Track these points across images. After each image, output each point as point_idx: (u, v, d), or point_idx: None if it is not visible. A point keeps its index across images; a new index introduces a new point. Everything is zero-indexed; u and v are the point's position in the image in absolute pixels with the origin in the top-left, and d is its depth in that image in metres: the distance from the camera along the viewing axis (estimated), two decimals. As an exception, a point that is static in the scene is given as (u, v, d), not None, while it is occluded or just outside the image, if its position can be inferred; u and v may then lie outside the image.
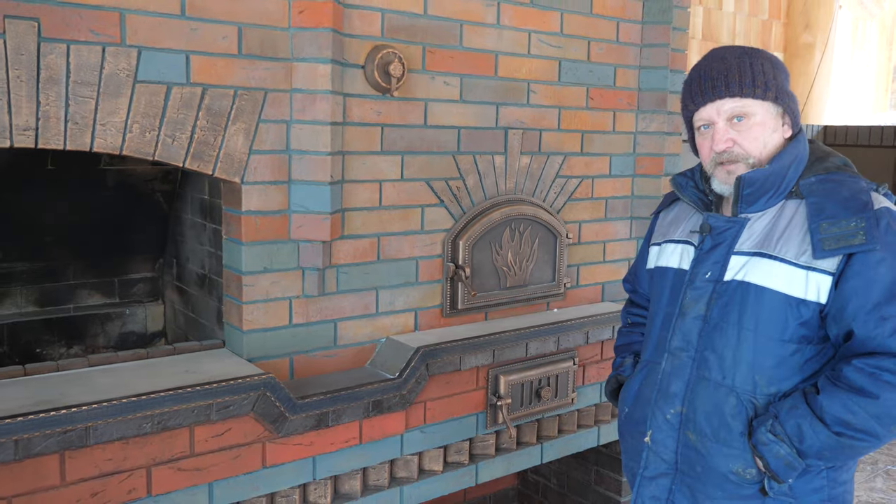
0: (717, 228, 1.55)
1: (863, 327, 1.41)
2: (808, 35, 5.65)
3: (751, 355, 1.49)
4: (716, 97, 1.51)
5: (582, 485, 2.93)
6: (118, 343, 2.37)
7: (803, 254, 1.45)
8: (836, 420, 1.41)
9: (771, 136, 1.52)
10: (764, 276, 1.48)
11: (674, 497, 1.61)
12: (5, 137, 1.58)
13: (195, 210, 2.20)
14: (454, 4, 2.21)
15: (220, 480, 1.80)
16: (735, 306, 1.51)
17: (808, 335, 1.47)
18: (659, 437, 1.60)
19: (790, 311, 1.46)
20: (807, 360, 1.49)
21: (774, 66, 1.52)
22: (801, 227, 1.47)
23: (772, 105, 1.51)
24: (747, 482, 1.51)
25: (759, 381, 1.50)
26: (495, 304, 2.43)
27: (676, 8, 2.70)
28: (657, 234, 1.76)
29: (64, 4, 1.62)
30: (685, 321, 1.57)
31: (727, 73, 1.51)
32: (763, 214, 1.53)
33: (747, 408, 1.50)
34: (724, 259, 1.53)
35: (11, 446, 1.49)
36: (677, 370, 1.58)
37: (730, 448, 1.51)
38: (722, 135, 1.52)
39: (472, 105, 2.29)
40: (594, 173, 2.66)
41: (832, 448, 1.43)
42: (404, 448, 2.14)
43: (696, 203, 1.64)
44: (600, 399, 2.64)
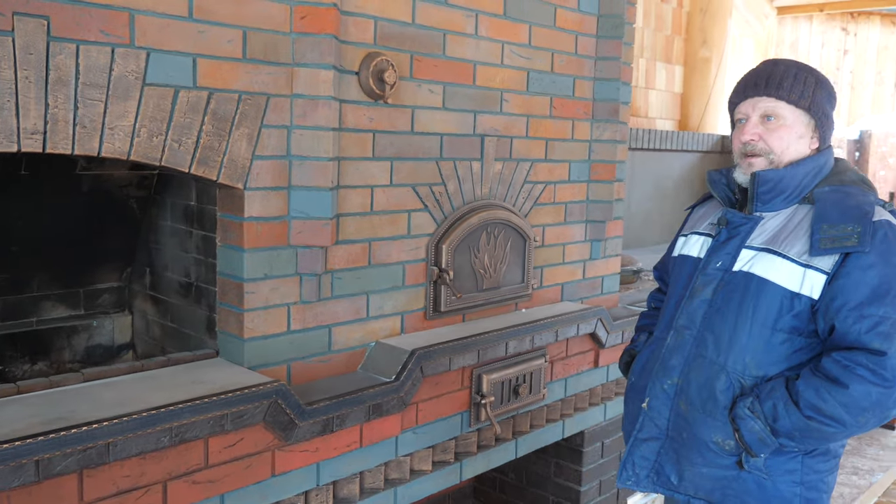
0: (733, 223, 1.71)
1: (843, 323, 1.56)
2: (706, 50, 6.06)
3: (745, 339, 1.65)
4: (755, 94, 1.69)
5: (541, 477, 3.04)
6: (84, 357, 2.26)
7: (804, 252, 1.61)
8: (808, 404, 1.55)
9: (797, 142, 1.68)
10: (767, 270, 1.63)
11: (661, 459, 1.77)
12: (12, 141, 1.49)
13: (177, 217, 2.13)
14: (438, 14, 2.26)
15: (231, 492, 1.77)
16: (737, 294, 1.66)
17: (799, 327, 1.63)
18: (655, 404, 1.76)
19: (785, 302, 1.62)
20: (795, 350, 1.64)
21: (818, 83, 1.68)
22: (806, 229, 1.62)
23: (804, 114, 1.67)
24: (726, 453, 1.67)
25: (749, 363, 1.65)
26: (473, 305, 2.49)
27: (627, 24, 2.86)
28: (687, 226, 1.92)
29: (74, 2, 1.55)
30: (692, 303, 1.73)
31: (770, 76, 1.67)
32: (776, 215, 1.68)
33: (735, 386, 1.65)
34: (736, 251, 1.68)
35: (32, 467, 1.42)
36: (679, 346, 1.73)
37: (714, 420, 1.66)
38: (752, 128, 1.69)
39: (453, 112, 2.35)
40: (556, 179, 2.78)
41: (802, 430, 1.57)
42: (399, 449, 2.17)
43: (723, 199, 1.80)
44: (565, 394, 2.76)
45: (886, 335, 1.53)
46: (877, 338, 1.53)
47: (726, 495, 1.69)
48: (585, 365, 2.83)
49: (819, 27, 10.77)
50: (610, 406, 2.99)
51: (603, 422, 2.96)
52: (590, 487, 2.96)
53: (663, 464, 1.77)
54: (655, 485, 1.79)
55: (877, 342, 1.53)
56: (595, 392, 2.91)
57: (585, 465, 2.93)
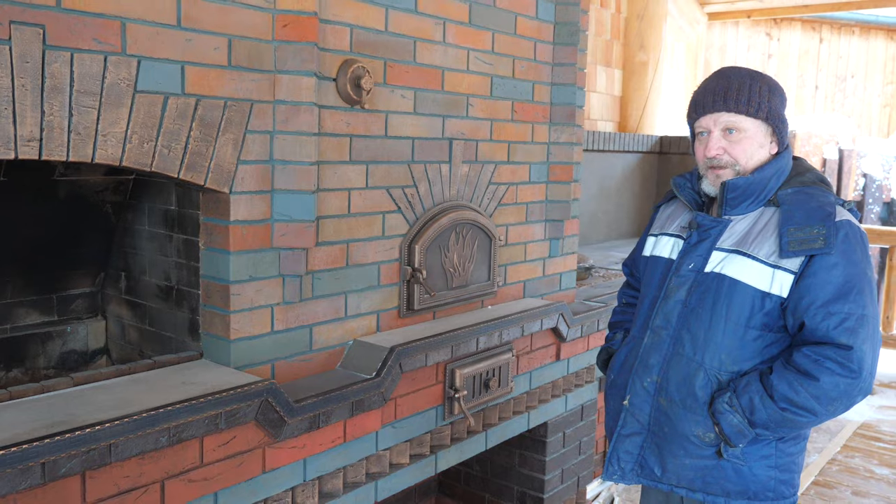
0: (704, 226, 1.81)
1: (812, 319, 1.67)
2: (643, 54, 6.30)
3: (720, 337, 1.76)
4: (714, 110, 1.78)
5: (505, 469, 3.15)
6: (59, 363, 2.25)
7: (772, 254, 1.72)
8: (782, 397, 1.67)
9: (757, 150, 1.80)
10: (738, 271, 1.75)
11: (644, 453, 1.87)
12: (10, 149, 1.51)
13: (156, 221, 2.15)
14: (409, 22, 2.34)
15: (224, 489, 1.81)
16: (711, 294, 1.77)
17: (770, 324, 1.74)
18: (636, 401, 1.86)
19: (756, 301, 1.73)
20: (766, 345, 1.76)
21: (771, 91, 1.79)
22: (773, 231, 1.74)
23: (762, 123, 1.79)
24: (706, 444, 1.78)
25: (725, 359, 1.76)
26: (443, 303, 2.58)
27: (582, 32, 2.99)
28: (656, 226, 2.01)
29: (68, 11, 1.57)
30: (668, 304, 1.83)
31: (727, 90, 1.76)
32: (744, 217, 1.80)
33: (713, 382, 1.76)
34: (707, 253, 1.79)
35: (38, 470, 1.44)
36: (657, 345, 1.83)
37: (694, 414, 1.77)
38: (715, 143, 1.79)
39: (423, 117, 2.43)
40: (518, 180, 2.89)
41: (777, 421, 1.69)
42: (379, 444, 2.24)
43: (690, 202, 1.90)
44: (530, 387, 2.87)
45: (852, 330, 1.64)
46: (844, 333, 1.64)
47: (707, 483, 1.80)
48: (548, 358, 2.96)
49: (745, 32, 11.28)
50: (571, 398, 3.12)
51: (564, 412, 3.09)
52: (553, 476, 3.09)
53: (646, 457, 1.87)
54: (640, 477, 1.89)
55: (844, 337, 1.64)
56: (557, 384, 3.04)
57: (549, 455, 3.05)
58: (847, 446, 4.49)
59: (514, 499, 3.12)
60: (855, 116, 11.95)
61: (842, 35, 11.92)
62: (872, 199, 10.30)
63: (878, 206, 10.34)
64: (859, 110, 12.02)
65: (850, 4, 7.89)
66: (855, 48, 11.98)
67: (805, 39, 11.72)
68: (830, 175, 9.84)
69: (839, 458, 4.31)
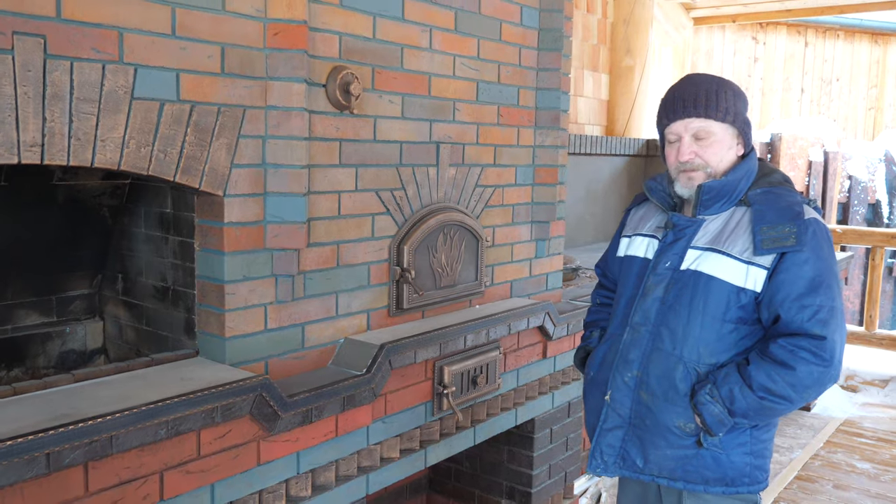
0: (679, 226, 1.90)
1: (787, 312, 1.76)
2: (629, 59, 6.40)
3: (697, 331, 1.84)
4: (685, 116, 1.86)
5: (494, 465, 3.22)
6: (58, 363, 2.31)
7: (746, 251, 1.81)
8: (760, 387, 1.75)
9: (727, 153, 1.89)
10: (713, 268, 1.83)
11: (625, 445, 1.94)
12: (13, 154, 1.58)
13: (152, 224, 2.22)
14: (396, 30, 2.42)
15: (220, 481, 1.88)
16: (688, 291, 1.85)
17: (745, 317, 1.83)
18: (617, 396, 1.93)
19: (732, 296, 1.82)
20: (741, 337, 1.85)
21: (736, 96, 1.88)
22: (746, 229, 1.83)
23: (730, 127, 1.88)
24: (686, 435, 1.86)
25: (703, 352, 1.84)
26: (432, 302, 2.65)
27: (565, 38, 3.08)
28: (628, 227, 2.09)
29: (68, 22, 1.64)
30: (646, 301, 1.91)
31: (696, 96, 1.85)
32: (717, 217, 1.89)
33: (692, 374, 1.84)
34: (683, 252, 1.88)
35: (43, 460, 1.50)
36: (636, 341, 1.91)
37: (675, 406, 1.85)
38: (686, 148, 1.87)
39: (411, 121, 2.51)
40: (504, 183, 2.97)
41: (755, 409, 1.78)
42: (370, 438, 2.31)
43: (663, 203, 1.99)
44: (517, 384, 2.95)
45: (825, 321, 1.74)
46: (817, 324, 1.74)
47: (687, 471, 1.88)
48: (535, 356, 3.03)
49: (732, 36, 11.41)
50: (557, 395, 3.19)
51: (552, 409, 3.17)
52: (540, 471, 3.16)
53: (628, 449, 1.93)
54: (622, 469, 1.95)
55: (817, 328, 1.74)
56: (544, 381, 3.11)
57: (536, 451, 3.12)
58: (830, 442, 4.59)
59: (503, 494, 3.19)
60: (840, 119, 12.10)
61: (827, 39, 12.07)
62: (858, 201, 10.44)
63: (864, 208, 10.48)
64: (844, 113, 12.18)
65: (834, 9, 8.01)
66: (840, 52, 12.14)
67: (791, 43, 11.87)
68: (816, 177, 9.98)
69: (822, 454, 4.40)
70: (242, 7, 1.98)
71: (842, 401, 5.39)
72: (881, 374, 5.81)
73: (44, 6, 1.61)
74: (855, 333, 6.10)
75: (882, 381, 5.73)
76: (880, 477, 4.09)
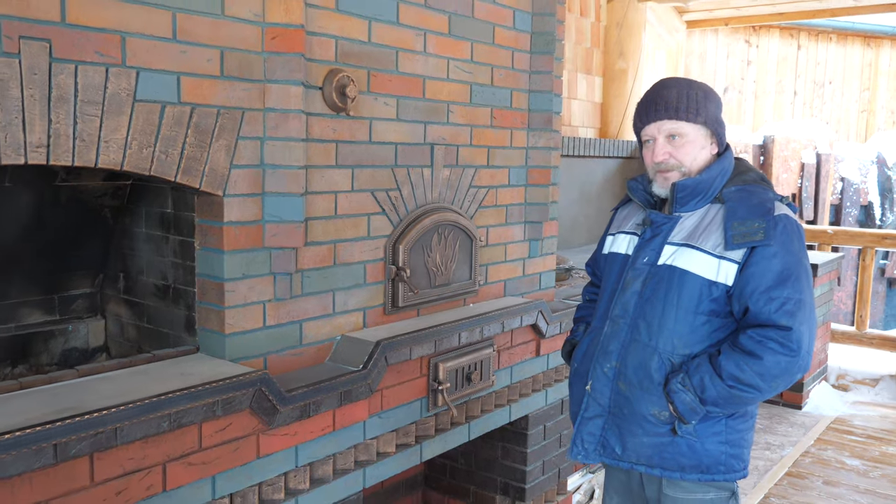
0: (657, 223, 1.98)
1: (755, 304, 1.84)
2: (622, 62, 6.48)
3: (671, 323, 1.91)
4: (658, 118, 1.94)
5: (489, 461, 3.27)
6: (61, 360, 2.36)
7: (718, 246, 1.89)
8: (729, 376, 1.83)
9: (700, 152, 1.96)
10: (687, 262, 1.91)
11: (605, 433, 2.02)
12: (20, 155, 1.63)
13: (152, 224, 2.27)
14: (391, 34, 2.48)
15: (221, 473, 1.93)
16: (664, 285, 1.93)
17: (717, 310, 1.91)
18: (597, 385, 2.01)
19: (704, 289, 1.89)
20: (714, 329, 1.92)
21: (707, 97, 1.96)
22: (719, 225, 1.91)
23: (702, 127, 1.95)
24: (661, 422, 1.93)
25: (677, 344, 1.92)
26: (427, 301, 2.71)
27: (557, 41, 3.14)
28: (613, 226, 2.18)
29: (73, 27, 1.69)
30: (625, 294, 1.99)
31: (668, 99, 1.93)
32: (692, 214, 1.96)
33: (666, 364, 1.92)
34: (660, 247, 1.96)
35: (51, 451, 1.56)
36: (615, 333, 1.99)
37: (651, 395, 1.92)
38: (661, 149, 1.95)
39: (405, 123, 2.57)
40: (497, 184, 3.03)
41: (725, 398, 1.85)
42: (366, 433, 2.36)
43: (643, 202, 2.07)
44: (511, 381, 3.00)
45: (791, 313, 1.81)
46: (784, 316, 1.81)
47: (664, 458, 1.94)
48: (528, 354, 3.09)
49: (725, 39, 11.50)
50: (551, 392, 3.25)
51: (545, 406, 3.22)
52: (534, 467, 3.21)
53: (608, 437, 2.01)
54: (602, 456, 2.03)
55: (784, 319, 1.81)
56: (537, 379, 3.17)
57: (530, 447, 3.18)
58: (820, 440, 4.65)
59: (498, 490, 3.24)
60: (833, 122, 12.20)
61: (819, 42, 12.17)
62: (850, 203, 10.53)
63: (856, 210, 10.57)
64: (837, 115, 12.27)
65: (825, 12, 8.08)
66: (832, 55, 12.24)
67: (783, 46, 11.97)
68: (808, 179, 10.07)
69: (812, 451, 4.46)
70: (241, 12, 2.03)
71: (833, 399, 5.46)
72: (872, 373, 5.88)
73: (49, 11, 1.66)
74: (846, 333, 6.17)
75: (873, 380, 5.80)
76: (869, 473, 4.15)
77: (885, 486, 3.97)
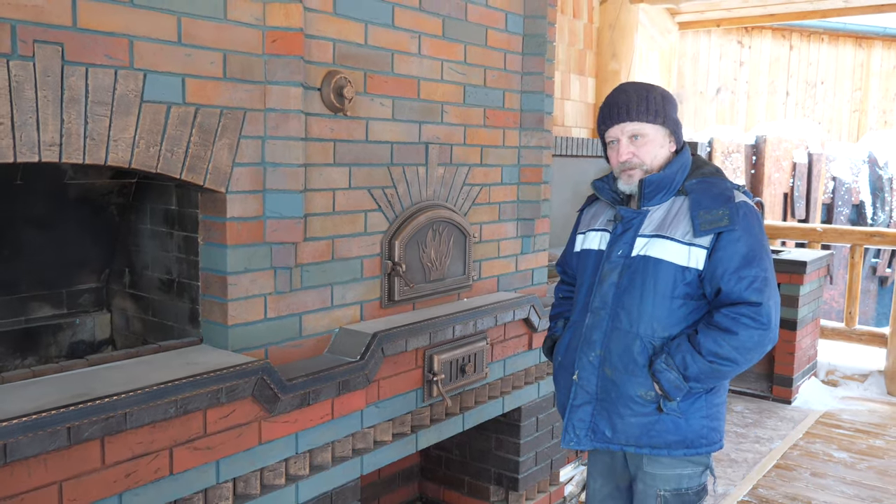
0: (627, 217, 2.11)
1: (727, 284, 1.98)
2: (615, 63, 6.57)
3: (650, 309, 2.04)
4: (620, 121, 2.07)
5: (483, 452, 3.36)
6: (69, 352, 2.44)
7: (687, 234, 2.02)
8: (709, 352, 1.97)
9: (660, 150, 2.10)
10: (660, 251, 2.04)
11: (595, 419, 2.12)
12: (34, 153, 1.71)
13: (157, 220, 2.36)
14: (387, 36, 2.57)
15: (225, 458, 2.01)
16: (639, 274, 2.06)
17: (691, 293, 2.05)
18: (584, 374, 2.12)
19: (678, 275, 2.03)
20: (689, 312, 2.06)
21: (664, 100, 2.10)
22: (685, 215, 2.04)
23: (661, 127, 2.09)
24: (648, 402, 2.05)
25: (657, 327, 2.05)
26: (422, 295, 2.79)
27: (549, 43, 3.23)
28: (582, 225, 2.31)
29: (83, 31, 1.78)
30: (603, 287, 2.11)
31: (628, 103, 2.06)
32: (659, 207, 2.10)
33: (648, 348, 2.05)
34: (632, 240, 2.09)
35: (65, 433, 1.64)
36: (597, 324, 2.10)
37: (636, 377, 2.05)
38: (624, 149, 2.09)
39: (401, 123, 2.66)
40: (490, 182, 3.12)
41: (706, 373, 1.99)
42: (364, 422, 2.44)
43: (610, 200, 2.19)
44: (504, 373, 3.09)
45: (759, 290, 1.96)
46: (753, 293, 1.96)
47: (651, 437, 2.06)
48: (521, 347, 3.18)
49: (717, 40, 11.61)
50: (543, 384, 3.34)
51: (537, 398, 3.31)
52: (527, 458, 3.30)
53: (597, 422, 2.12)
54: (593, 441, 2.13)
55: (754, 296, 1.96)
56: (530, 371, 3.25)
57: (523, 438, 3.26)
58: (809, 433, 4.75)
59: (492, 480, 3.33)
60: (825, 122, 12.31)
61: (811, 42, 12.29)
62: (842, 202, 10.65)
63: (847, 209, 10.68)
64: (829, 116, 12.39)
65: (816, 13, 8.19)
66: (824, 55, 12.36)
67: (776, 47, 12.09)
68: (800, 178, 10.18)
69: (801, 444, 4.56)
70: (243, 16, 2.12)
71: (822, 394, 5.55)
72: (861, 368, 5.98)
73: (61, 16, 1.74)
74: (836, 329, 6.27)
75: (861, 376, 5.90)
76: (856, 465, 4.24)
77: (872, 478, 4.07)
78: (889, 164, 10.83)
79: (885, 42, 12.27)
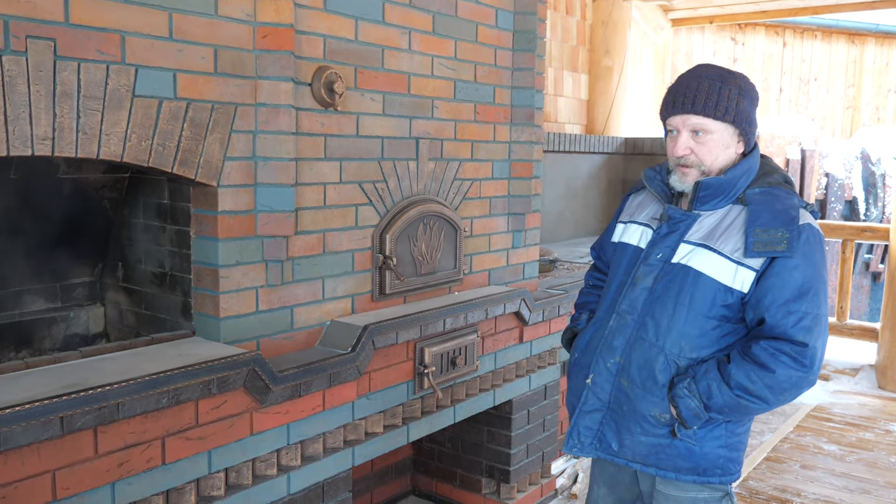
0: (674, 219, 1.93)
1: (773, 317, 1.78)
2: (608, 59, 6.60)
3: (681, 325, 1.86)
4: (683, 111, 1.86)
5: (475, 445, 3.39)
6: (63, 345, 2.46)
7: (737, 251, 1.83)
8: (738, 385, 1.78)
9: (724, 151, 1.88)
10: (703, 264, 1.86)
11: (603, 428, 1.99)
12: (27, 147, 1.74)
13: (150, 214, 2.38)
14: (377, 32, 2.59)
15: (217, 448, 2.04)
16: (676, 284, 1.88)
17: (729, 315, 1.86)
18: (598, 380, 1.97)
19: (718, 294, 1.84)
20: (724, 335, 1.87)
21: (741, 93, 1.86)
22: (739, 229, 1.84)
23: (729, 126, 1.86)
24: (661, 424, 1.90)
25: (685, 346, 1.87)
26: (413, 288, 2.82)
27: (539, 39, 3.26)
28: (625, 213, 2.13)
29: (76, 26, 1.80)
30: (634, 290, 1.94)
31: (697, 93, 1.85)
32: (712, 213, 1.90)
33: (672, 367, 1.87)
34: (675, 245, 1.91)
35: (58, 423, 1.66)
36: (621, 328, 1.95)
37: (653, 396, 1.89)
38: (683, 143, 1.88)
39: (392, 118, 2.68)
40: (481, 176, 3.15)
41: (731, 407, 1.81)
42: (355, 413, 2.47)
43: (660, 194, 2.01)
44: (495, 366, 3.12)
45: (808, 329, 1.77)
46: (800, 331, 1.76)
47: (660, 459, 1.92)
48: (512, 340, 3.21)
49: (711, 37, 11.65)
50: (534, 378, 3.37)
51: (528, 391, 3.34)
52: (518, 450, 3.33)
53: (605, 432, 1.98)
54: (598, 451, 2.00)
55: (800, 335, 1.76)
56: (521, 365, 3.29)
57: (514, 431, 3.29)
58: (800, 426, 4.79)
59: (483, 472, 3.36)
60: (818, 118, 12.37)
61: (804, 39, 12.34)
62: (835, 198, 10.70)
63: (840, 205, 10.74)
64: (822, 112, 12.45)
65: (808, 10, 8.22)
66: (818, 52, 12.41)
67: (769, 44, 12.13)
68: (794, 174, 10.22)
69: (791, 437, 4.60)
70: (234, 12, 2.14)
71: (813, 388, 5.59)
72: (852, 362, 6.03)
73: (53, 12, 1.77)
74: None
75: (853, 370, 5.95)
76: (846, 458, 4.29)
77: (861, 470, 4.11)
78: (882, 161, 10.89)
79: (878, 39, 12.32)
